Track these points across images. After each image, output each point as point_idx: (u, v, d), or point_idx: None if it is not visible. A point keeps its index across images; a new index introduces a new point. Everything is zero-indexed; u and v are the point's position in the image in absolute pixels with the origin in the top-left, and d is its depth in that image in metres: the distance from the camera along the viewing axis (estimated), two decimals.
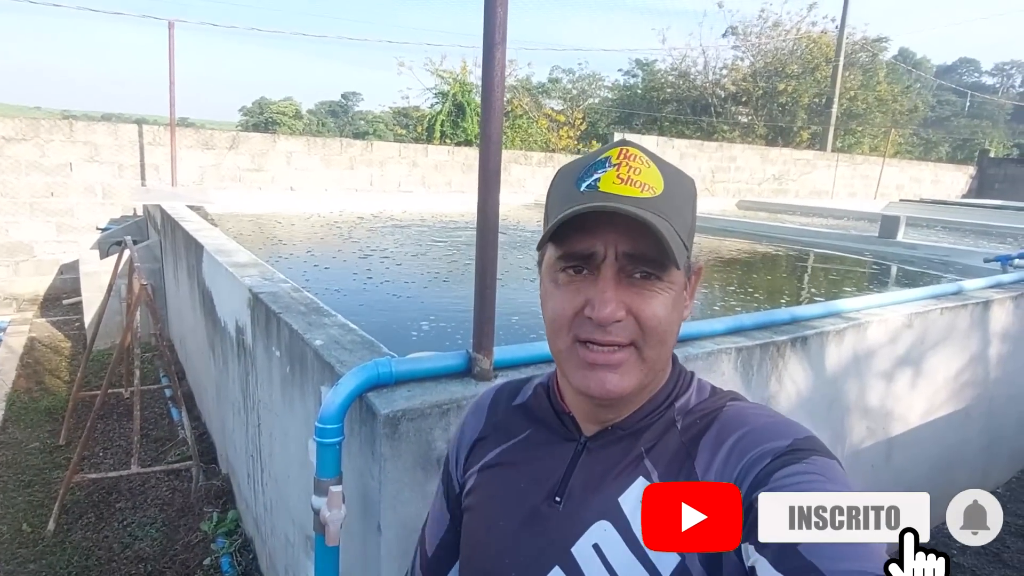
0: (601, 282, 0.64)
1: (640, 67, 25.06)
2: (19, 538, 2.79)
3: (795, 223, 7.89)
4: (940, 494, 2.45)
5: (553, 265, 0.68)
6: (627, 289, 0.64)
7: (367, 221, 6.68)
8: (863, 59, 22.19)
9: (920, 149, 29.30)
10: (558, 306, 0.67)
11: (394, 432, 1.31)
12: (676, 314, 0.68)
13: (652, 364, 0.67)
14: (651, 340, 0.65)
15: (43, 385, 4.56)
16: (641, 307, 0.64)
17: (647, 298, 0.64)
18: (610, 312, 0.63)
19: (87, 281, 5.39)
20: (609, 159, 0.65)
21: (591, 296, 0.64)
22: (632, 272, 0.64)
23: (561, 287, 0.67)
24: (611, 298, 0.63)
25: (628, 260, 0.64)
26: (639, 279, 0.64)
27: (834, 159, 15.30)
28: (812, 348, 2.16)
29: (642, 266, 0.64)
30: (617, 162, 0.65)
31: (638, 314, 0.64)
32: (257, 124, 44.97)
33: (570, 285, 0.66)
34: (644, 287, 0.64)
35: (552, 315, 0.68)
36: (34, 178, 6.74)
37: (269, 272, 2.60)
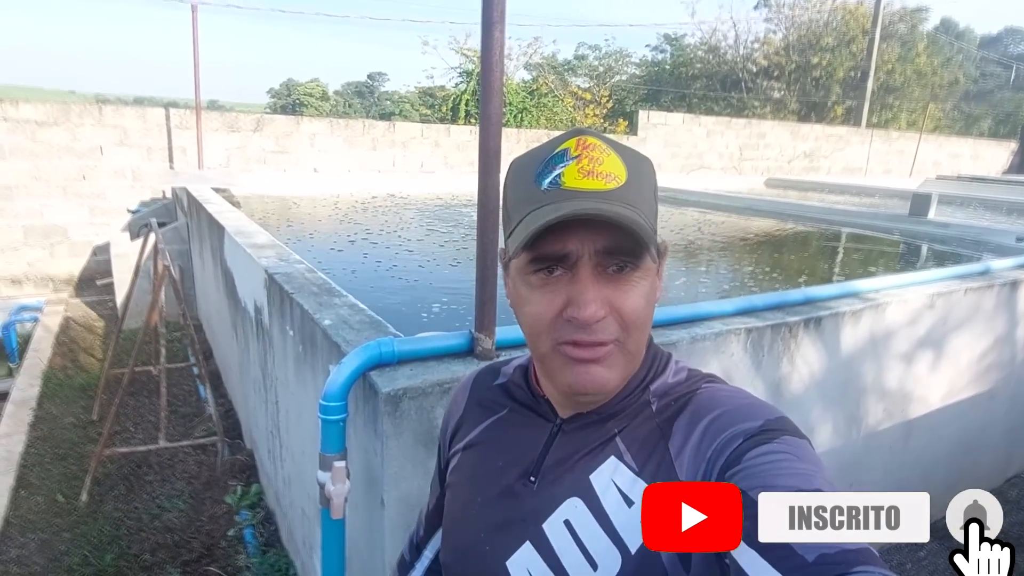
0: (580, 282, 0.62)
1: (668, 42, 24.52)
2: (54, 508, 2.93)
3: (823, 201, 7.71)
4: (962, 477, 2.44)
5: (524, 268, 0.66)
6: (605, 284, 0.63)
7: (388, 201, 6.72)
8: (901, 30, 21.38)
9: (960, 124, 28.20)
10: (536, 310, 0.65)
11: (395, 410, 1.34)
12: (652, 300, 0.67)
13: (634, 354, 0.67)
14: (632, 332, 0.65)
15: (77, 363, 4.73)
16: (622, 302, 0.63)
17: (626, 291, 0.64)
18: (592, 312, 0.62)
19: (118, 262, 5.55)
20: (567, 151, 0.64)
21: (571, 295, 0.63)
22: (608, 266, 0.63)
23: (536, 290, 0.65)
24: (592, 298, 0.62)
25: (604, 255, 0.62)
26: (615, 272, 0.63)
27: (868, 135, 14.85)
28: (826, 329, 2.12)
29: (617, 257, 0.63)
30: (576, 154, 0.63)
31: (619, 309, 0.63)
32: (285, 106, 45.34)
33: (545, 287, 0.65)
34: (621, 280, 0.64)
35: (531, 320, 0.66)
36: (66, 162, 6.92)
37: (286, 253, 2.64)
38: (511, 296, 0.72)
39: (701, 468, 0.62)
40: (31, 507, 2.93)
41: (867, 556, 0.52)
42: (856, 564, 0.51)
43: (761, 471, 0.58)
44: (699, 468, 0.63)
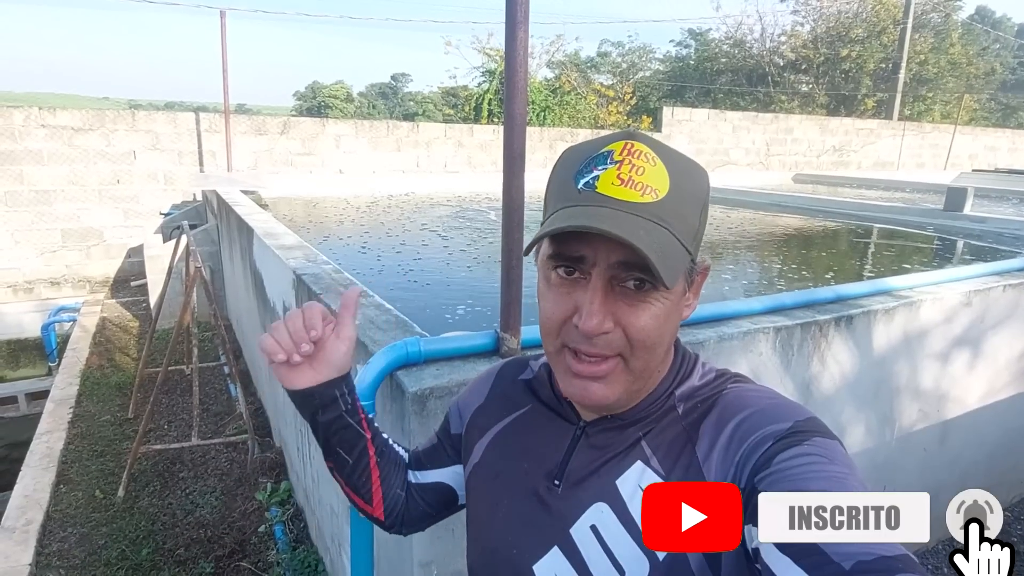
0: (590, 292, 0.61)
1: (693, 37, 24.24)
2: (93, 503, 3.01)
3: (853, 197, 7.55)
4: (1002, 479, 2.37)
5: (546, 262, 0.66)
6: (617, 300, 0.62)
7: (412, 202, 6.77)
8: (935, 20, 20.81)
9: (998, 115, 27.36)
10: (548, 310, 0.65)
11: (422, 409, 1.35)
12: (670, 322, 0.65)
13: (639, 373, 0.66)
14: (638, 352, 0.63)
15: (113, 362, 4.86)
16: (630, 320, 0.62)
17: (638, 310, 0.62)
18: (595, 325, 0.61)
19: (151, 264, 5.69)
20: (611, 154, 0.62)
21: (580, 303, 0.62)
22: (625, 280, 0.61)
23: (552, 288, 0.65)
24: (597, 311, 0.61)
25: (620, 268, 0.61)
26: (632, 288, 0.61)
27: (900, 128, 14.49)
28: (858, 328, 2.08)
29: (635, 272, 0.61)
30: (619, 159, 0.61)
31: (626, 327, 0.62)
32: (310, 108, 45.95)
33: (561, 287, 0.64)
34: (636, 298, 0.62)
35: (543, 318, 0.67)
36: (101, 166, 7.11)
37: (313, 254, 2.68)
38: (538, 283, 0.71)
39: (730, 471, 0.61)
40: (71, 502, 3.02)
41: (907, 563, 0.50)
42: (895, 572, 0.49)
43: (792, 474, 0.56)
44: (728, 471, 0.61)
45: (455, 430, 0.88)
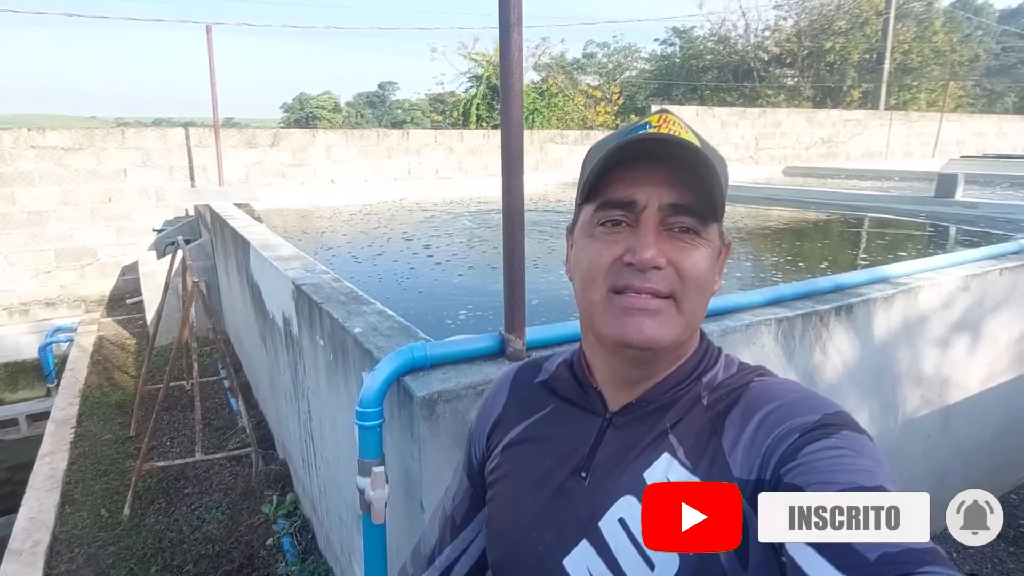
0: (642, 229, 0.63)
1: (677, 35, 24.36)
2: (99, 523, 3.00)
3: (845, 187, 7.59)
4: (1006, 461, 2.39)
5: (590, 220, 0.67)
6: (667, 241, 0.64)
7: (405, 209, 6.77)
8: (917, 9, 20.98)
9: (983, 101, 27.60)
10: (594, 255, 0.66)
11: (431, 414, 1.35)
12: (712, 273, 0.67)
13: (689, 318, 0.66)
14: (690, 291, 0.64)
15: (112, 380, 4.83)
16: (681, 258, 0.64)
17: (687, 250, 0.64)
18: (651, 256, 0.62)
19: (146, 281, 5.66)
20: (649, 123, 0.65)
21: (631, 244, 0.64)
22: (673, 225, 0.64)
23: (597, 240, 0.66)
24: (652, 243, 0.62)
25: (670, 211, 0.63)
26: (679, 232, 0.64)
27: (887, 118, 14.58)
28: (858, 316, 2.09)
29: (683, 217, 0.63)
30: (657, 124, 0.64)
31: (678, 264, 0.64)
32: (298, 119, 45.91)
33: (607, 237, 0.65)
34: (684, 239, 0.64)
35: (587, 264, 0.67)
36: (93, 185, 7.08)
37: (311, 264, 2.68)
38: (570, 264, 0.72)
39: (756, 464, 0.61)
40: (77, 522, 3.00)
41: (933, 556, 0.50)
42: (922, 564, 0.49)
43: (819, 467, 0.56)
44: (754, 464, 0.61)
45: (477, 463, 0.86)
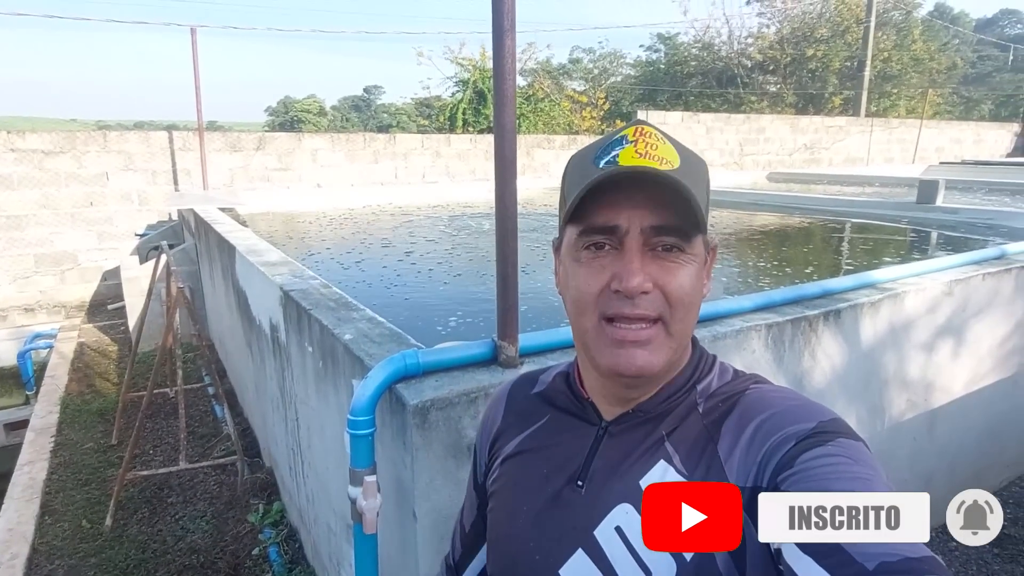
0: (626, 255, 0.63)
1: (662, 41, 24.55)
2: (80, 534, 2.94)
3: (828, 193, 7.68)
4: (989, 464, 2.41)
5: (574, 244, 0.67)
6: (652, 262, 0.64)
7: (393, 214, 6.73)
8: (896, 17, 21.35)
9: (960, 108, 28.12)
10: (583, 284, 0.66)
11: (424, 422, 1.33)
12: (699, 287, 0.67)
13: (679, 338, 0.67)
14: (677, 313, 0.65)
15: (94, 388, 4.75)
16: (667, 279, 0.64)
17: (672, 270, 0.64)
18: (638, 283, 0.62)
19: (129, 286, 5.58)
20: (625, 137, 0.65)
21: (617, 270, 0.64)
22: (656, 245, 0.64)
23: (584, 264, 0.66)
24: (638, 269, 0.63)
25: (652, 232, 0.63)
26: (663, 252, 0.64)
27: (868, 124, 14.80)
28: (846, 321, 2.11)
29: (666, 237, 0.63)
30: (634, 139, 0.64)
31: (664, 286, 0.64)
32: (283, 123, 45.63)
33: (594, 262, 0.66)
34: (668, 259, 0.64)
35: (577, 294, 0.67)
36: (74, 189, 6.97)
37: (299, 270, 2.65)
38: (560, 282, 0.72)
39: (752, 471, 0.61)
40: (57, 533, 2.94)
41: (932, 565, 0.49)
42: (920, 573, 0.49)
43: (815, 475, 0.56)
44: (750, 471, 0.62)
45: (481, 478, 0.87)
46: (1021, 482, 3.15)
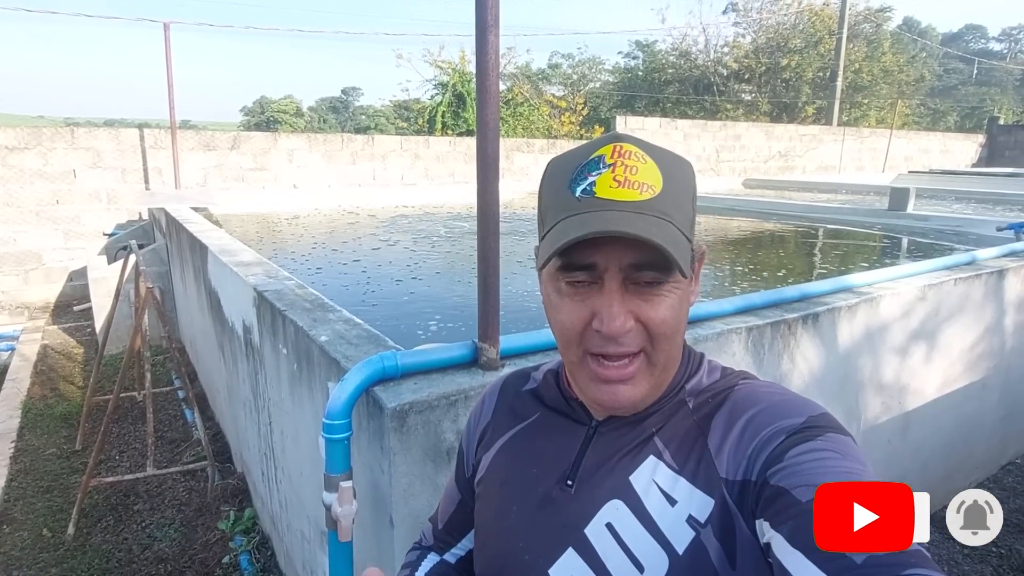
0: (606, 295, 0.62)
1: (640, 48, 24.83)
2: (40, 543, 2.82)
3: (803, 199, 7.81)
4: (959, 466, 2.44)
5: (554, 274, 0.66)
6: (633, 297, 0.63)
7: (370, 216, 6.67)
8: (867, 30, 21.87)
9: (928, 119, 28.90)
10: (565, 320, 0.65)
11: (402, 425, 1.30)
12: (683, 310, 0.66)
13: (662, 366, 0.66)
14: (660, 345, 0.64)
15: (57, 391, 4.60)
16: (649, 314, 0.63)
17: (654, 304, 0.63)
18: (619, 326, 0.62)
19: (96, 287, 5.42)
20: (603, 158, 0.62)
21: (598, 308, 0.63)
22: (637, 279, 0.63)
23: (565, 298, 0.65)
24: (618, 312, 0.62)
25: (632, 269, 0.62)
26: (644, 286, 0.63)
27: (840, 133, 15.11)
28: (824, 325, 2.13)
29: (647, 272, 0.62)
30: (612, 162, 0.62)
31: (646, 322, 0.63)
32: (259, 124, 45.05)
33: (575, 296, 0.65)
34: (650, 293, 0.63)
35: (560, 329, 0.67)
36: (39, 186, 6.77)
37: (274, 270, 2.59)
38: (544, 300, 0.71)
39: (742, 465, 0.62)
40: (16, 543, 2.82)
41: (919, 558, 0.50)
42: (908, 566, 0.49)
43: (805, 469, 0.57)
44: (740, 465, 0.62)
45: (469, 472, 0.86)
46: (989, 483, 3.21)
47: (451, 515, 0.88)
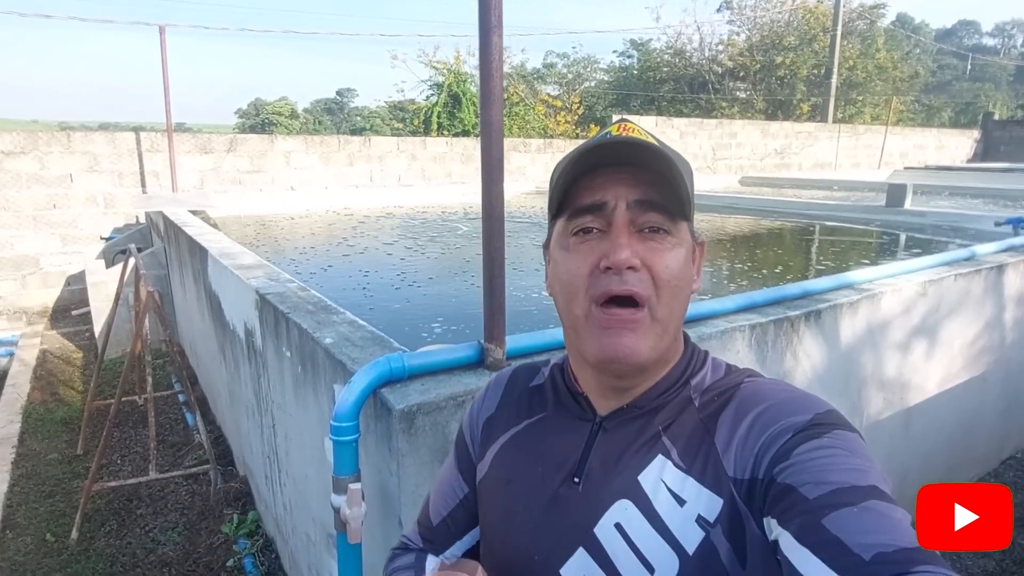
0: (613, 231, 0.64)
1: (635, 47, 24.82)
2: (44, 548, 2.82)
3: (800, 197, 7.82)
4: (960, 461, 2.45)
5: (563, 231, 0.68)
6: (639, 243, 0.65)
7: (368, 217, 6.66)
8: (861, 27, 21.90)
9: (922, 115, 28.95)
10: (572, 267, 0.67)
11: (410, 427, 1.30)
12: (687, 272, 0.67)
13: (665, 323, 0.66)
14: (664, 295, 0.65)
15: (57, 396, 4.58)
16: (653, 259, 0.64)
17: (659, 251, 0.65)
18: (626, 256, 0.63)
19: (94, 291, 5.41)
20: (610, 132, 0.67)
21: (606, 250, 0.64)
22: (642, 226, 0.65)
23: (572, 250, 0.67)
24: (625, 244, 0.63)
25: (638, 209, 0.64)
26: (649, 233, 0.65)
27: (836, 130, 15.14)
28: (826, 322, 2.13)
29: (652, 213, 0.64)
30: (618, 132, 0.67)
31: (651, 266, 0.64)
32: (253, 126, 44.93)
33: (582, 246, 0.66)
34: (655, 240, 0.65)
35: (567, 278, 0.67)
36: (36, 191, 6.74)
37: (275, 273, 2.59)
38: (550, 279, 0.72)
39: (749, 463, 0.62)
40: (19, 548, 2.81)
41: (928, 555, 0.50)
42: (917, 563, 0.49)
43: (812, 466, 0.57)
44: (747, 463, 0.62)
45: (476, 461, 0.84)
46: (991, 478, 3.22)
47: (451, 512, 0.84)
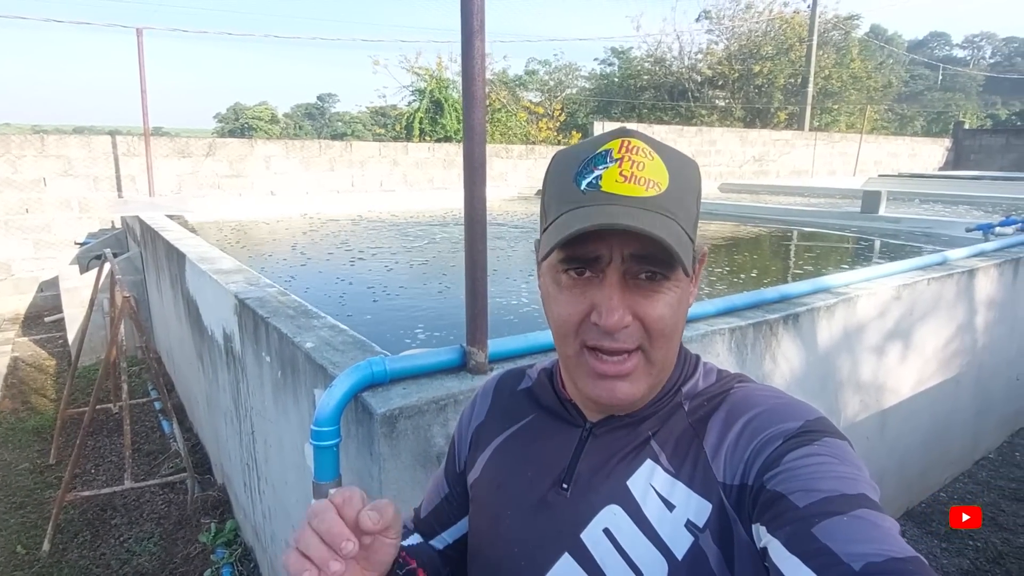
0: (607, 288, 0.62)
1: (616, 55, 25.04)
2: (14, 560, 2.74)
3: (778, 203, 7.94)
4: (934, 461, 2.49)
5: (555, 266, 0.65)
6: (632, 293, 0.62)
7: (349, 222, 6.62)
8: (836, 37, 22.32)
9: (896, 124, 29.57)
10: (563, 312, 0.65)
11: (392, 431, 1.29)
12: (682, 310, 0.66)
13: (660, 365, 0.66)
14: (657, 343, 0.64)
15: (29, 404, 4.48)
16: (647, 311, 0.62)
17: (653, 301, 0.62)
18: (617, 320, 0.61)
19: (68, 297, 5.30)
20: (610, 152, 0.62)
21: (597, 301, 0.62)
22: (638, 273, 0.62)
23: (564, 290, 0.65)
24: (617, 305, 0.61)
25: (634, 262, 0.61)
26: (645, 280, 0.62)
27: (812, 138, 15.40)
28: (804, 325, 2.16)
29: (648, 267, 0.62)
30: (619, 156, 0.61)
31: (644, 318, 0.62)
32: (233, 130, 44.46)
33: (574, 288, 0.64)
34: (650, 288, 0.62)
35: (558, 321, 0.66)
36: (7, 195, 6.61)
37: (254, 277, 2.56)
38: (542, 293, 0.71)
39: (739, 469, 0.61)
40: None
41: (917, 565, 0.49)
42: (905, 573, 0.48)
43: (801, 474, 0.57)
44: (737, 469, 0.62)
45: (460, 467, 0.85)
46: (964, 479, 3.29)
47: (436, 505, 0.87)
